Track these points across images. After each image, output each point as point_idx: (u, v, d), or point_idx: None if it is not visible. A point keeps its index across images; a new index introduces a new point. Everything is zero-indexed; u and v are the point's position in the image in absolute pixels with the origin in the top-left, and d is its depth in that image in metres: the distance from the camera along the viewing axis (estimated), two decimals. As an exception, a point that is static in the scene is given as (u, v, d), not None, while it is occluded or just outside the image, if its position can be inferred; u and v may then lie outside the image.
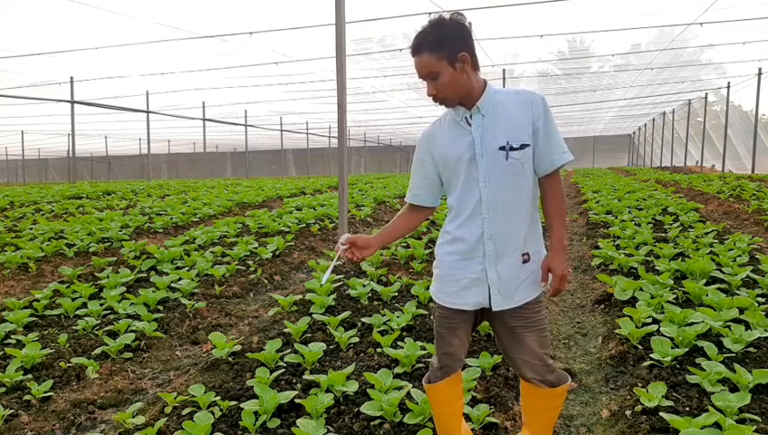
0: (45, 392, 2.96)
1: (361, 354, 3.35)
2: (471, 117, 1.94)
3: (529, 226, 1.96)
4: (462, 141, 1.94)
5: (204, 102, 24.97)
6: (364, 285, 4.65)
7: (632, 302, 4.13)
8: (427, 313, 3.97)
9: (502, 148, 1.89)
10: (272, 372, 3.01)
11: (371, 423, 2.50)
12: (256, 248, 6.54)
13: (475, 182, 1.93)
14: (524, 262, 1.96)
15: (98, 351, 3.51)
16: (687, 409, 2.55)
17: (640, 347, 3.32)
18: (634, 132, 43.26)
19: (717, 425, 2.23)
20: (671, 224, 7.65)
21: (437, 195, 2.10)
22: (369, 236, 2.07)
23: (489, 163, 1.91)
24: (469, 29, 1.94)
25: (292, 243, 7.02)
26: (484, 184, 1.91)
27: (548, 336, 2.04)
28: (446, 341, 2.05)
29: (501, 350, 2.12)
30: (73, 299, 4.55)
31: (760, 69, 19.78)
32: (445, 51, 1.86)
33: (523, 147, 1.90)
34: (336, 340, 3.50)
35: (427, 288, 4.34)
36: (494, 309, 1.95)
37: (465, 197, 1.95)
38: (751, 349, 3.13)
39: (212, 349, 3.51)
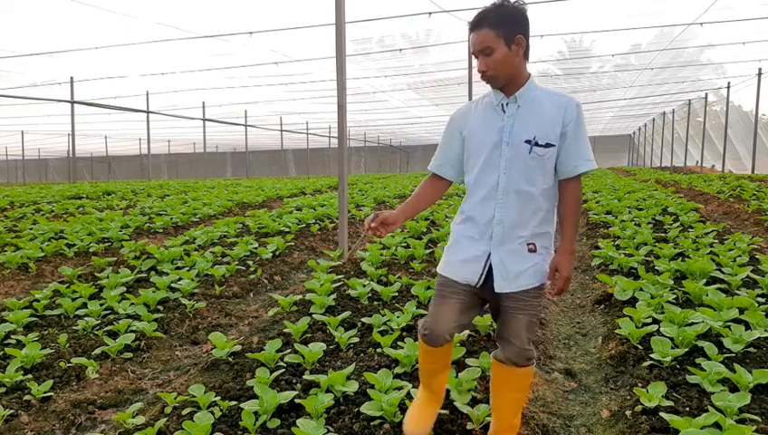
0: (45, 392, 2.96)
1: (361, 354, 3.35)
2: (507, 105, 2.02)
3: (541, 221, 2.05)
4: (493, 126, 2.03)
5: (204, 102, 24.96)
6: (364, 286, 4.65)
7: (632, 302, 4.13)
8: (427, 313, 3.97)
9: (528, 141, 1.98)
10: (272, 372, 3.01)
11: (371, 423, 2.50)
12: (256, 248, 6.54)
13: (495, 167, 2.02)
14: (530, 251, 2.04)
15: (98, 351, 3.51)
16: (687, 409, 2.55)
17: (640, 347, 3.32)
18: (634, 132, 43.25)
19: (717, 425, 2.23)
20: (671, 224, 7.65)
21: (459, 170, 2.19)
22: (394, 212, 2.18)
23: (512, 152, 1.99)
24: (528, 17, 2.00)
25: (292, 243, 7.02)
26: (504, 171, 2.00)
27: (536, 324, 2.14)
28: (435, 307, 2.18)
29: (495, 330, 2.23)
30: (73, 299, 4.55)
31: (760, 69, 19.77)
32: (504, 29, 1.93)
33: (548, 145, 1.98)
34: (336, 340, 3.50)
35: (428, 288, 4.35)
36: (496, 290, 2.05)
37: (483, 179, 2.05)
38: (751, 349, 3.14)
39: (212, 349, 3.51)
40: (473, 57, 2.03)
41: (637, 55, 20.46)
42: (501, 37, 1.93)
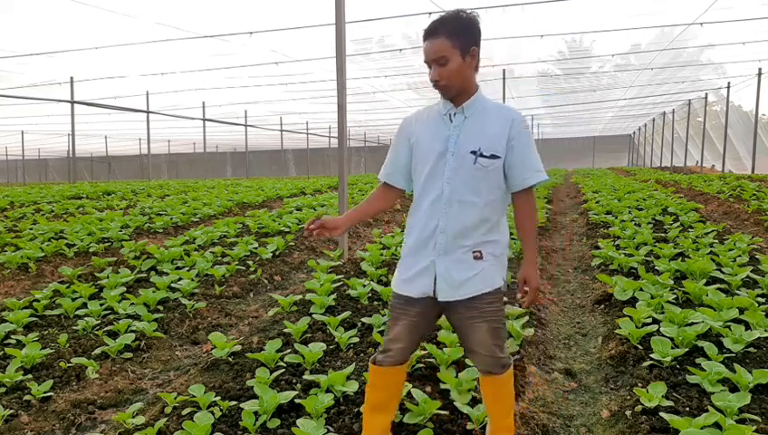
0: (45, 392, 2.96)
1: (361, 354, 3.35)
2: (455, 115, 2.02)
3: (487, 231, 2.02)
4: (439, 135, 2.02)
5: (204, 102, 24.96)
6: (364, 286, 4.65)
7: (632, 302, 4.13)
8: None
9: (473, 152, 1.97)
10: (272, 372, 3.01)
11: (371, 423, 2.50)
12: (256, 248, 6.54)
13: (439, 176, 2.01)
14: (476, 258, 2.02)
15: (98, 351, 3.51)
16: (687, 409, 2.55)
17: (640, 347, 3.32)
18: (634, 132, 43.25)
19: (717, 425, 2.23)
20: (671, 224, 7.65)
21: (409, 178, 2.16)
22: (338, 218, 2.18)
23: (457, 162, 1.98)
24: (481, 29, 1.99)
25: (292, 243, 7.03)
26: (448, 181, 1.99)
27: (502, 329, 2.09)
28: (391, 327, 2.13)
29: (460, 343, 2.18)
30: (73, 299, 4.55)
31: (760, 69, 19.77)
32: (460, 40, 1.93)
33: (493, 157, 1.98)
34: (336, 340, 3.50)
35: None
36: (439, 299, 2.03)
37: (428, 188, 2.03)
38: (751, 349, 3.14)
39: (212, 349, 3.51)
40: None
41: (637, 55, 20.47)
42: (456, 48, 1.92)
